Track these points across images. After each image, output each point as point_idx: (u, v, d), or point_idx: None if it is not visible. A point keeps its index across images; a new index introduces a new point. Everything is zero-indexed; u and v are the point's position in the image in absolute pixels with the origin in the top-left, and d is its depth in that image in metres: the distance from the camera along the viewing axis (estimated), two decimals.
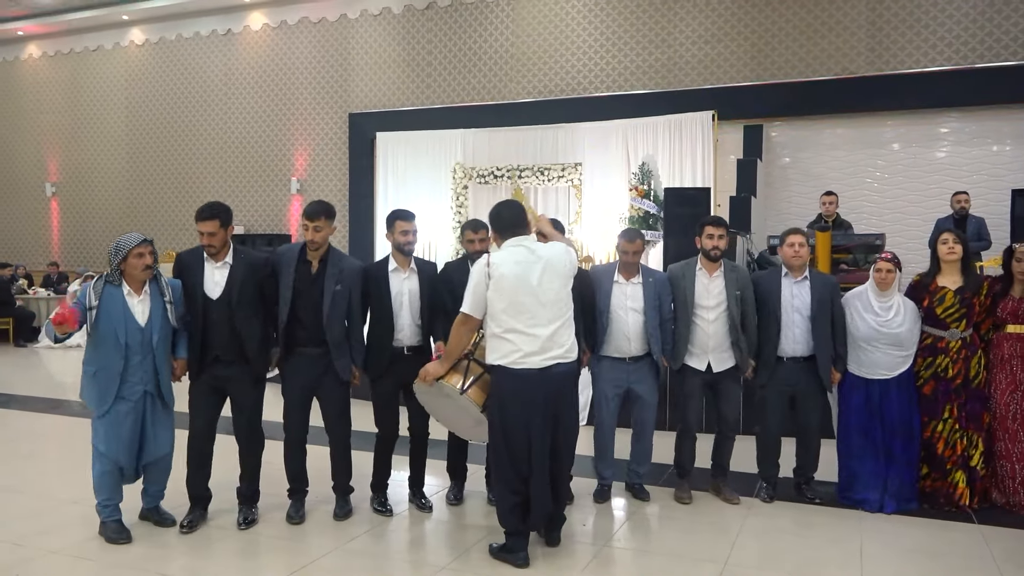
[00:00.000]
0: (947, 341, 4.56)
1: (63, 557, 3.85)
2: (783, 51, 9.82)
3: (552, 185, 10.61)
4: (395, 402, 4.48)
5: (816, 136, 9.82)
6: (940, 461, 4.58)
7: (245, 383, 4.19)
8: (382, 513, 4.44)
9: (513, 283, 3.62)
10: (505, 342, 3.63)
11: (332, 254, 4.27)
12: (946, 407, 4.56)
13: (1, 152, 15.16)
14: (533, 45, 11.12)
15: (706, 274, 4.59)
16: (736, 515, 4.48)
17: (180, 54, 13.53)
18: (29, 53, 14.88)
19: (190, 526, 4.15)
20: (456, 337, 3.79)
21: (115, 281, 3.94)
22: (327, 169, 12.49)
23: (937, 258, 4.68)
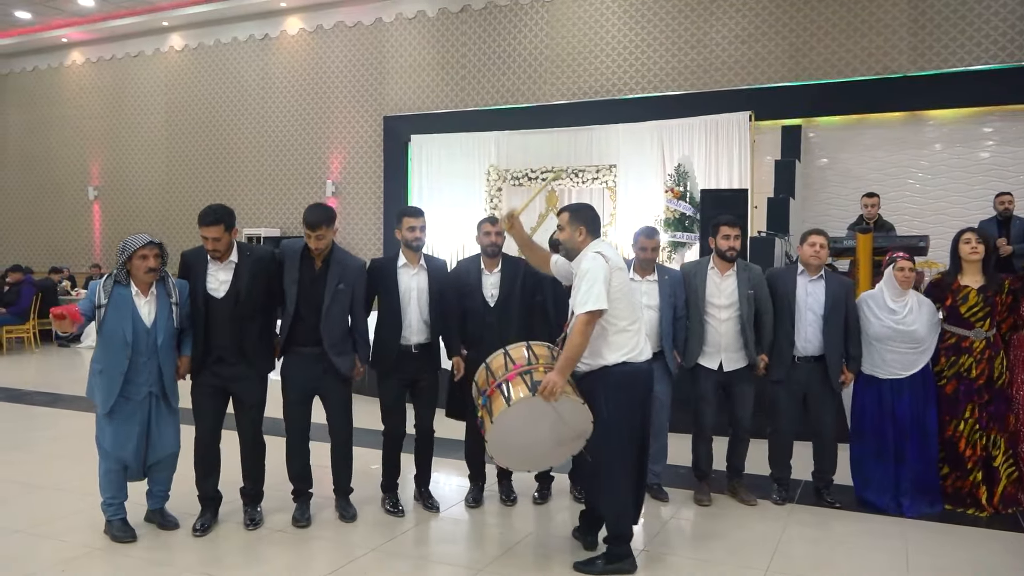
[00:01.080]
0: (971, 340, 4.53)
1: (108, 553, 3.92)
2: (822, 50, 9.69)
3: (586, 187, 10.58)
4: (402, 401, 4.46)
5: (856, 136, 9.66)
6: (961, 460, 4.55)
7: (250, 381, 4.16)
8: (394, 514, 4.42)
9: (623, 276, 3.66)
10: (629, 335, 3.59)
11: (335, 252, 4.24)
12: (968, 407, 4.53)
13: (46, 157, 15.53)
14: (567, 46, 11.10)
15: (718, 273, 4.59)
16: (773, 520, 4.42)
17: (218, 59, 13.74)
18: (73, 59, 15.23)
19: (203, 529, 4.13)
20: (582, 340, 3.51)
21: (123, 281, 3.95)
22: (362, 172, 12.58)
23: (959, 257, 4.65)
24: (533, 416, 3.52)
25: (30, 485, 5.00)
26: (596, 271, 3.49)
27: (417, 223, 4.35)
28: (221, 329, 4.08)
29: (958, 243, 4.65)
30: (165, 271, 4.03)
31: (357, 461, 4.50)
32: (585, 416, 3.53)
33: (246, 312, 4.10)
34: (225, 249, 4.07)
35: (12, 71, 15.93)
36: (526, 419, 3.54)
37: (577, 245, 3.67)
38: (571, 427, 3.57)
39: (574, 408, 3.52)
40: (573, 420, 3.55)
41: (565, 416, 3.53)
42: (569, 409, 3.52)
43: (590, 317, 3.48)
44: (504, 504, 4.67)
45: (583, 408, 3.52)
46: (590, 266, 3.52)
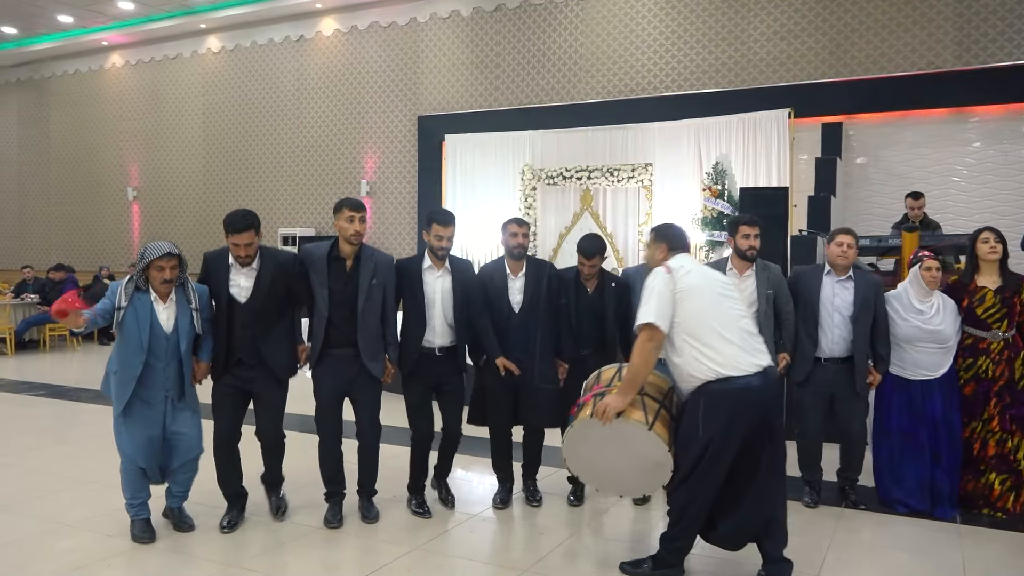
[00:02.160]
0: (988, 342, 4.48)
1: (151, 549, 3.95)
2: (863, 46, 9.51)
3: (622, 186, 10.50)
4: (428, 403, 4.43)
5: (899, 134, 9.47)
6: (975, 461, 4.51)
7: (270, 382, 4.16)
8: (420, 515, 4.41)
9: (701, 285, 3.41)
10: (715, 350, 3.30)
11: (364, 249, 4.22)
12: (986, 408, 4.48)
13: (86, 158, 15.82)
14: (602, 45, 11.03)
15: (737, 274, 4.53)
16: (821, 524, 4.34)
17: (254, 60, 13.88)
18: (112, 62, 15.49)
19: (231, 525, 4.16)
20: (641, 359, 3.32)
21: (142, 287, 3.94)
22: (396, 172, 12.63)
23: (976, 257, 4.58)
24: (599, 439, 3.40)
25: (73, 480, 5.08)
26: (652, 285, 3.38)
27: (446, 233, 4.28)
28: (242, 333, 4.07)
29: (976, 242, 4.58)
30: (185, 276, 4.01)
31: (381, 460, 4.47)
32: (654, 442, 3.31)
33: (267, 317, 4.09)
34: (253, 254, 4.07)
35: (54, 74, 16.25)
36: (593, 443, 3.43)
37: (655, 264, 3.54)
38: (645, 454, 3.36)
39: (638, 432, 3.32)
40: (643, 446, 3.35)
41: (631, 441, 3.35)
42: (633, 434, 3.33)
43: (649, 333, 3.30)
44: (529, 505, 4.64)
45: (649, 434, 3.30)
46: (648, 281, 3.43)
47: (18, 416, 7.28)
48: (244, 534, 4.18)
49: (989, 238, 4.53)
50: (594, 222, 10.61)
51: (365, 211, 4.19)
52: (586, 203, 10.74)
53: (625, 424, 3.33)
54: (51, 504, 4.61)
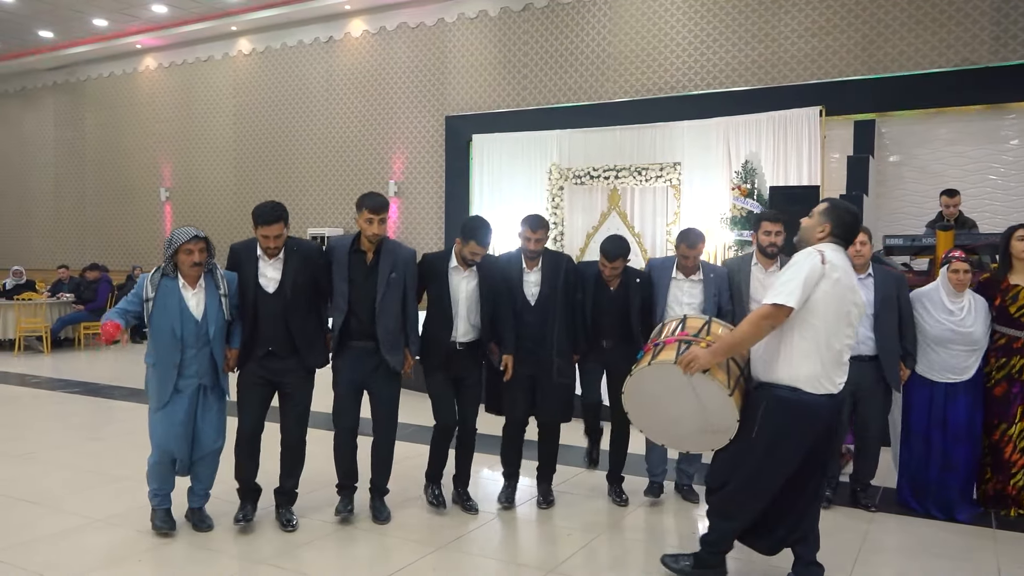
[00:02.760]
0: (1022, 341, 4.39)
1: (181, 543, 4.01)
2: (897, 42, 9.36)
3: (650, 185, 10.44)
4: (451, 393, 4.42)
5: (932, 131, 9.30)
6: (1006, 465, 4.44)
7: (299, 376, 4.17)
8: (435, 506, 4.40)
9: (839, 290, 3.15)
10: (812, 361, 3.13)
11: (386, 243, 4.23)
12: (1019, 410, 4.40)
13: (120, 159, 16.09)
14: (630, 43, 10.98)
15: (762, 269, 4.53)
16: (849, 528, 4.27)
17: (284, 62, 14.02)
18: (146, 65, 15.74)
19: (246, 519, 4.18)
20: (751, 330, 3.15)
21: (170, 273, 3.97)
22: (424, 171, 12.68)
23: (1009, 255, 4.49)
24: (671, 387, 3.31)
25: (107, 476, 5.16)
26: (802, 267, 3.11)
27: (480, 251, 4.28)
28: (272, 323, 4.09)
29: (1010, 239, 4.49)
30: (214, 263, 4.04)
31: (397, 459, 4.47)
32: (729, 410, 3.22)
33: (297, 306, 4.11)
34: (281, 245, 4.11)
35: (89, 77, 16.55)
36: (663, 386, 3.33)
37: (812, 239, 3.26)
38: (712, 416, 3.28)
39: (716, 395, 3.22)
40: (714, 409, 3.26)
41: (705, 400, 3.26)
42: (711, 394, 3.23)
43: (774, 310, 3.08)
44: (541, 508, 4.60)
45: (728, 400, 3.20)
46: (798, 260, 3.16)
47: (53, 413, 7.42)
48: (265, 532, 4.21)
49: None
50: (622, 222, 10.57)
51: (386, 212, 4.16)
52: (613, 203, 10.70)
53: (708, 382, 3.21)
54: (84, 500, 4.69)
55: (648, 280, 4.61)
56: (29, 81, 17.40)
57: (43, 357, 10.98)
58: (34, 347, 11.57)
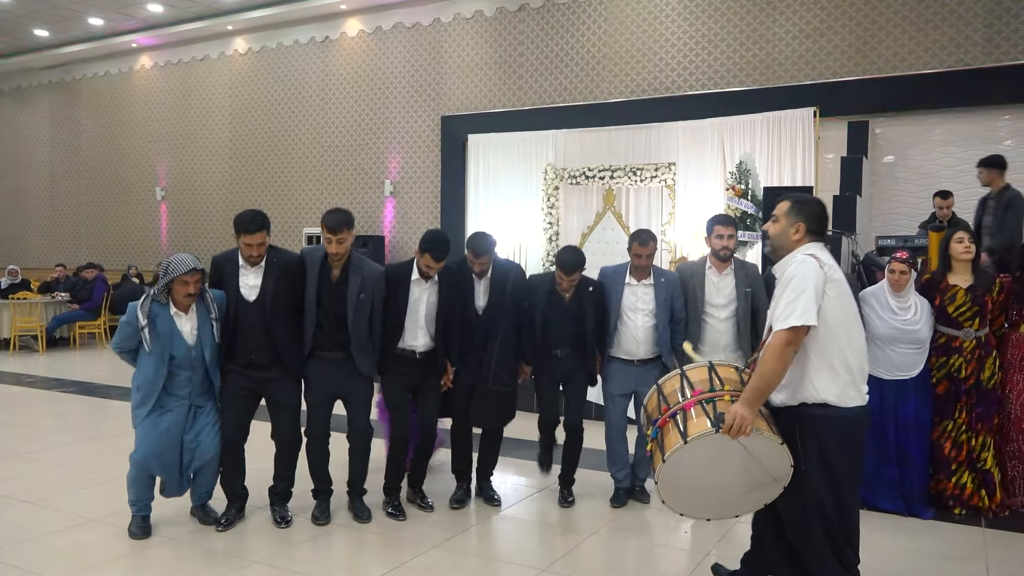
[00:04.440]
0: (961, 340, 4.54)
1: (176, 543, 4.02)
2: (890, 43, 9.40)
3: (645, 186, 10.47)
4: (406, 402, 4.49)
5: (926, 132, 9.34)
6: (946, 461, 4.56)
7: (284, 382, 4.22)
8: (395, 517, 4.45)
9: (844, 291, 2.92)
10: (838, 373, 2.88)
11: (353, 261, 4.27)
12: (957, 407, 4.55)
13: (116, 159, 16.07)
14: (626, 44, 11.01)
15: (716, 272, 4.60)
16: None
17: (280, 62, 14.03)
18: (142, 64, 15.73)
19: (227, 524, 4.22)
20: (778, 364, 2.82)
21: (162, 300, 4.00)
22: (419, 172, 12.70)
23: (948, 257, 4.64)
24: (716, 455, 2.91)
25: (102, 476, 5.17)
26: (805, 277, 2.82)
27: (437, 266, 4.31)
28: (253, 332, 4.12)
29: (950, 242, 4.64)
30: (204, 287, 4.06)
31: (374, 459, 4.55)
32: (783, 457, 2.88)
33: (278, 315, 4.14)
34: (263, 254, 4.14)
35: (85, 76, 16.53)
36: (707, 458, 2.93)
37: (788, 244, 3.00)
38: (766, 470, 2.93)
39: (769, 447, 2.87)
40: (769, 461, 2.91)
41: (758, 456, 2.90)
42: (763, 448, 2.88)
43: (792, 335, 2.78)
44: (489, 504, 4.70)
45: (781, 448, 2.86)
46: (798, 271, 2.86)
47: (49, 412, 7.44)
48: (260, 529, 4.24)
49: (964, 238, 4.61)
50: (616, 222, 10.59)
51: (345, 232, 4.12)
52: (609, 203, 10.73)
53: (760, 439, 2.85)
54: (80, 499, 4.71)
55: (601, 288, 4.66)
56: (24, 80, 17.37)
57: (38, 356, 10.99)
58: (29, 346, 11.58)
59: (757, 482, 2.96)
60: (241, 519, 4.33)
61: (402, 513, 4.48)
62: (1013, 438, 4.58)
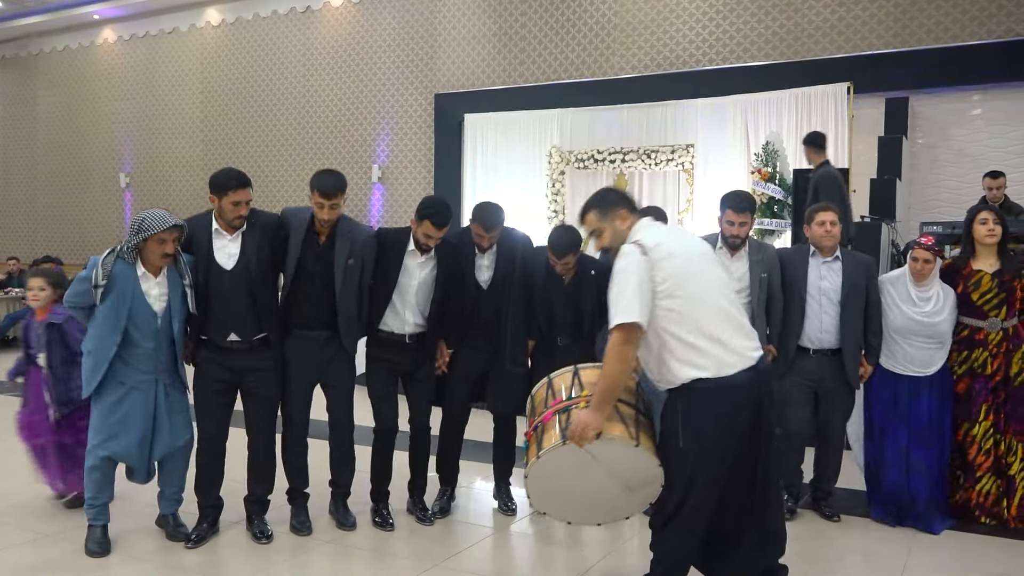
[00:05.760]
0: (986, 332, 4.43)
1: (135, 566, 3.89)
2: (932, 11, 9.28)
3: (660, 169, 10.35)
4: (394, 392, 4.36)
5: (972, 109, 9.25)
6: (971, 468, 4.46)
7: (267, 374, 4.06)
8: (382, 527, 4.31)
9: (680, 261, 3.03)
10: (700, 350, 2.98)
11: (342, 224, 4.13)
12: (983, 408, 4.43)
13: (76, 142, 15.92)
14: (639, 13, 10.88)
15: (727, 255, 4.49)
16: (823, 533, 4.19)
17: (257, 34, 13.88)
18: (104, 38, 15.57)
19: (198, 540, 4.05)
20: (619, 365, 2.99)
21: (129, 259, 3.84)
22: (411, 154, 12.57)
23: (972, 239, 4.53)
24: (573, 466, 3.06)
25: None
26: (626, 270, 2.97)
27: (437, 235, 4.16)
28: (232, 304, 3.94)
29: (972, 223, 4.54)
30: (179, 251, 3.89)
31: None
32: (644, 460, 3.02)
33: (260, 285, 3.97)
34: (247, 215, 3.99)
35: (42, 51, 16.37)
36: (566, 470, 3.09)
37: (623, 236, 3.14)
38: (632, 473, 3.07)
39: (623, 451, 3.00)
40: (630, 465, 3.05)
41: (616, 463, 3.05)
42: (617, 454, 3.02)
43: (626, 333, 2.93)
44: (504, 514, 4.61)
45: (637, 451, 2.99)
46: (619, 264, 3.02)
47: (1, 418, 7.29)
48: (238, 549, 4.12)
49: (988, 219, 4.49)
50: None
51: (339, 197, 4.02)
52: (621, 187, 10.60)
53: (608, 444, 3.00)
54: (32, 513, 4.58)
55: (605, 273, 4.52)
56: None
57: None
58: None
59: (632, 484, 3.11)
60: (214, 534, 4.18)
61: (390, 523, 4.35)
62: None
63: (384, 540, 4.24)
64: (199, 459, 4.10)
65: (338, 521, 4.34)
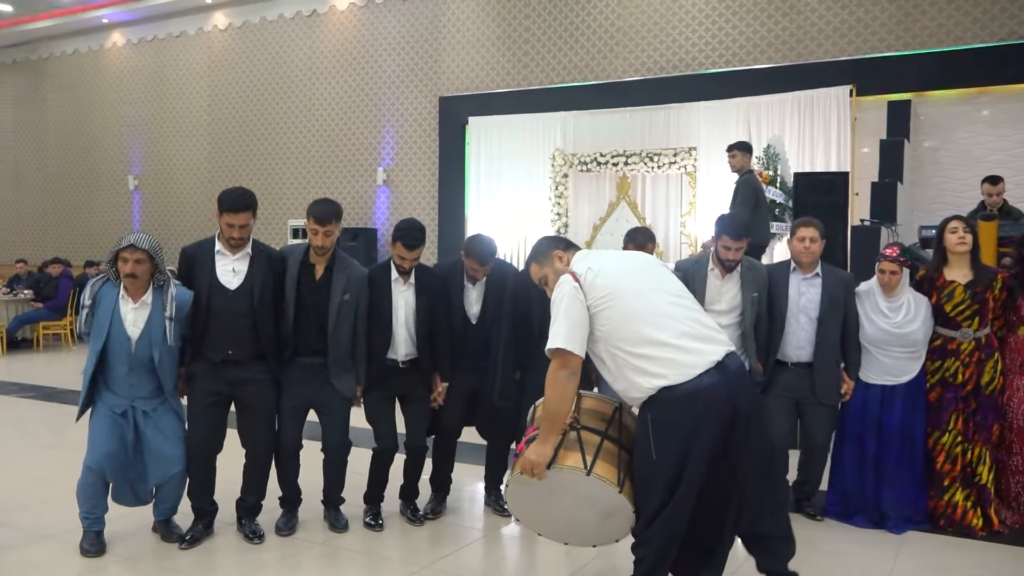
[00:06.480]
0: (958, 342, 4.45)
1: (128, 568, 3.95)
2: (935, 14, 9.27)
3: (663, 172, 10.38)
4: (391, 413, 4.46)
5: (974, 113, 9.22)
6: (938, 476, 4.49)
7: (263, 385, 4.14)
8: (372, 527, 4.42)
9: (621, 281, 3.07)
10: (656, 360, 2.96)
11: (338, 259, 4.23)
12: (952, 417, 4.46)
13: (85, 144, 16.05)
14: (642, 16, 10.90)
15: (718, 274, 4.51)
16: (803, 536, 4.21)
17: (263, 38, 13.97)
18: (113, 41, 15.70)
19: (191, 541, 4.12)
20: (557, 391, 3.00)
21: (113, 280, 3.90)
22: (415, 157, 12.62)
23: (943, 249, 4.52)
24: (539, 493, 3.07)
25: (62, 488, 5.09)
26: (558, 299, 3.04)
27: (410, 256, 4.25)
28: (232, 323, 4.01)
29: (943, 232, 4.54)
30: (166, 278, 3.92)
31: None
32: (599, 488, 2.98)
33: (265, 306, 4.06)
34: (247, 237, 4.05)
35: (52, 55, 16.52)
36: (534, 496, 3.11)
37: (556, 270, 3.22)
38: (595, 502, 3.03)
39: (576, 481, 2.98)
40: (590, 495, 3.02)
41: (575, 492, 3.02)
42: (572, 484, 2.99)
43: (560, 360, 2.97)
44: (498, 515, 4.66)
45: (590, 480, 2.96)
46: (555, 293, 3.09)
47: (7, 419, 7.38)
48: (231, 550, 4.17)
49: (958, 228, 4.50)
50: (632, 212, 10.50)
51: (334, 224, 4.11)
52: (623, 191, 10.64)
53: (559, 474, 3.00)
54: (35, 514, 4.64)
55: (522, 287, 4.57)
56: None
57: None
58: None
59: (600, 511, 3.07)
60: (209, 536, 4.25)
61: (380, 523, 4.44)
62: (1017, 451, 4.49)
63: (375, 541, 4.30)
64: (191, 466, 4.14)
65: (330, 523, 4.42)
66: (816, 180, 8.04)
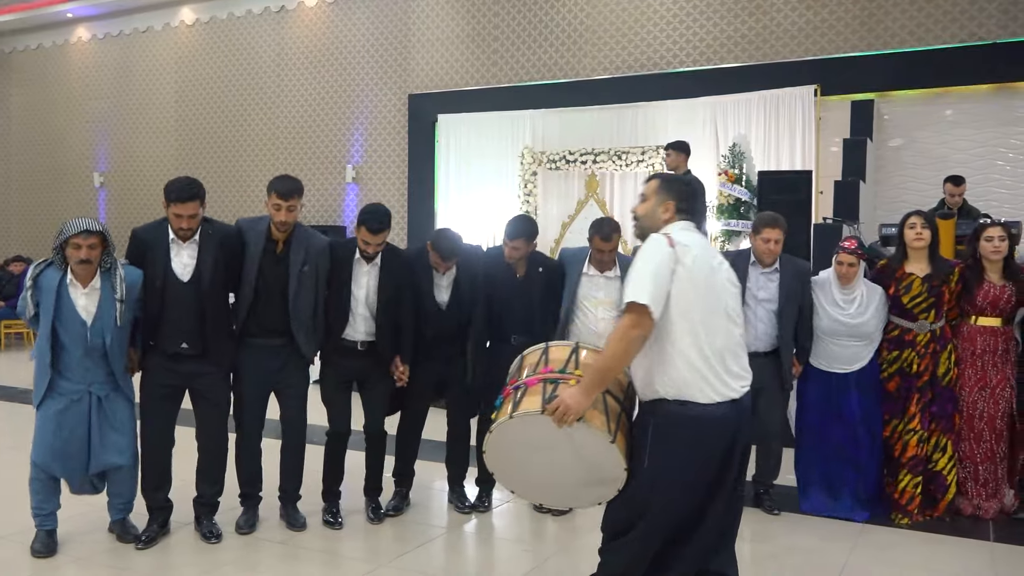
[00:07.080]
0: (915, 333, 4.57)
1: (84, 569, 3.90)
2: (898, 15, 9.38)
3: (631, 171, 10.39)
4: (346, 398, 4.43)
5: (936, 112, 9.33)
6: (894, 464, 4.62)
7: (216, 378, 4.11)
8: (332, 525, 4.37)
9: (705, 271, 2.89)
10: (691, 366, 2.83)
11: (298, 231, 4.19)
12: (910, 406, 4.59)
13: (50, 140, 15.81)
14: (610, 16, 10.93)
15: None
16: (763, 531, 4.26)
17: (231, 34, 13.84)
18: (78, 36, 15.48)
19: (147, 541, 4.06)
20: (623, 347, 2.80)
21: (58, 265, 3.84)
22: (385, 154, 12.58)
23: (903, 243, 4.67)
24: (541, 438, 2.91)
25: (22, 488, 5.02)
26: (650, 254, 2.84)
27: (373, 240, 4.23)
28: (185, 316, 3.96)
29: (903, 228, 4.68)
30: (114, 260, 3.87)
31: None
32: (613, 459, 2.87)
33: (211, 297, 4.01)
34: (195, 227, 4.00)
35: (15, 49, 16.25)
36: (532, 439, 2.94)
37: (657, 224, 2.99)
38: (595, 468, 2.94)
39: (597, 443, 2.86)
40: (597, 459, 2.91)
41: (584, 451, 2.90)
42: (590, 443, 2.87)
43: (637, 317, 2.74)
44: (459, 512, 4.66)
45: (610, 448, 2.84)
46: (645, 249, 2.89)
47: None
48: (189, 549, 4.14)
49: (916, 223, 4.63)
50: (600, 210, 10.51)
51: (297, 199, 4.09)
52: (591, 189, 10.66)
53: (586, 431, 2.84)
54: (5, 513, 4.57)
55: (554, 269, 4.64)
56: None
57: None
58: None
59: (591, 477, 2.97)
60: (165, 535, 4.21)
61: (339, 521, 4.40)
62: (965, 436, 4.65)
63: (335, 540, 4.28)
64: (145, 461, 4.10)
65: (288, 522, 4.38)
66: (780, 179, 8.14)
